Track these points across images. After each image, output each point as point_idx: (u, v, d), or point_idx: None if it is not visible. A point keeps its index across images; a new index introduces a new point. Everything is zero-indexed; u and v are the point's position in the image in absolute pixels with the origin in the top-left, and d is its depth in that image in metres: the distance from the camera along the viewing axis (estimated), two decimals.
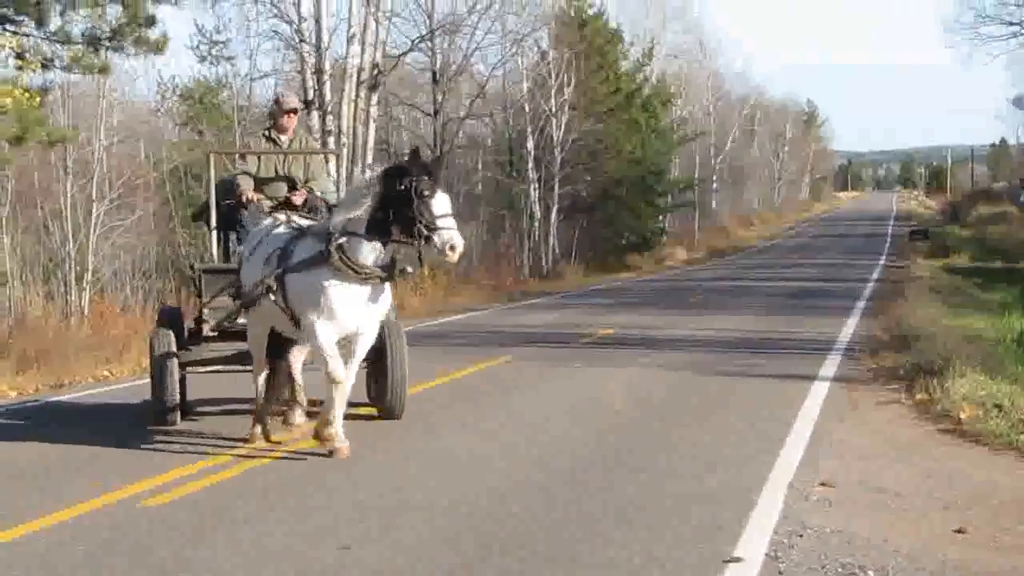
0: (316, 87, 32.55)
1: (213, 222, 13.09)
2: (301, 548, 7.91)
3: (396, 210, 10.13)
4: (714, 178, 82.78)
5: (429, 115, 46.21)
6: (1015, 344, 18.29)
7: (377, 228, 10.29)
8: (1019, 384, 13.93)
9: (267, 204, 12.57)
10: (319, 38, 33.01)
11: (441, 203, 10.09)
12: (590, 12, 56.39)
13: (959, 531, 8.35)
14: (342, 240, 10.31)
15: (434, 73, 44.52)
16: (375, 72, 34.33)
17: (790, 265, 50.60)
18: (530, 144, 49.73)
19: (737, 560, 7.55)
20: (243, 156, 13.26)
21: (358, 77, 33.36)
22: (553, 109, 49.82)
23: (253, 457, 10.84)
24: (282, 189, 12.78)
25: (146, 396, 13.17)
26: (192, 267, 13.23)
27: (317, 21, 32.96)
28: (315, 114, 32.27)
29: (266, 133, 13.17)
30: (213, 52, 45.25)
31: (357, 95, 33.39)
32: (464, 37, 44.56)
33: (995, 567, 7.50)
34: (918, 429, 12.41)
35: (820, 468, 10.26)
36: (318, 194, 12.87)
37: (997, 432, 11.76)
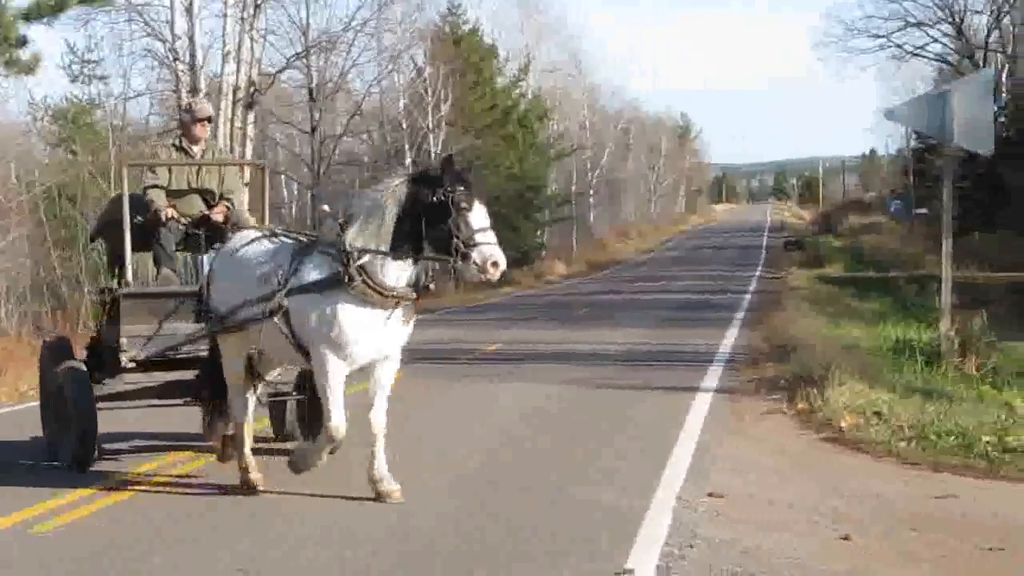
0: None
1: (128, 242, 11.49)
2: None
3: (428, 224, 9.13)
4: (591, 192, 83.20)
5: (306, 133, 46.06)
6: (891, 352, 18.60)
7: (405, 245, 9.27)
8: (897, 392, 14.17)
9: (182, 222, 11.67)
10: (193, 57, 32.80)
11: (479, 216, 9.12)
12: (465, 28, 56.58)
13: (845, 538, 8.49)
14: (364, 260, 9.27)
15: (310, 91, 44.36)
16: (251, 90, 34.19)
17: (670, 277, 51.03)
18: (408, 161, 49.60)
19: (629, 572, 7.61)
20: (152, 168, 11.95)
21: (234, 96, 33.23)
22: (431, 126, 49.85)
23: (139, 485, 10.69)
24: (195, 203, 11.82)
25: (33, 431, 12.72)
26: (105, 291, 11.78)
27: (191, 39, 32.75)
28: None
29: (176, 143, 12.07)
30: (85, 71, 44.73)
31: (233, 114, 33.24)
32: (340, 54, 44.54)
33: (881, 574, 7.62)
34: (801, 438, 12.58)
35: (707, 479, 10.36)
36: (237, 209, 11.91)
37: (878, 440, 12.00)
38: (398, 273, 9.33)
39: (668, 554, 8.03)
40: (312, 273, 9.50)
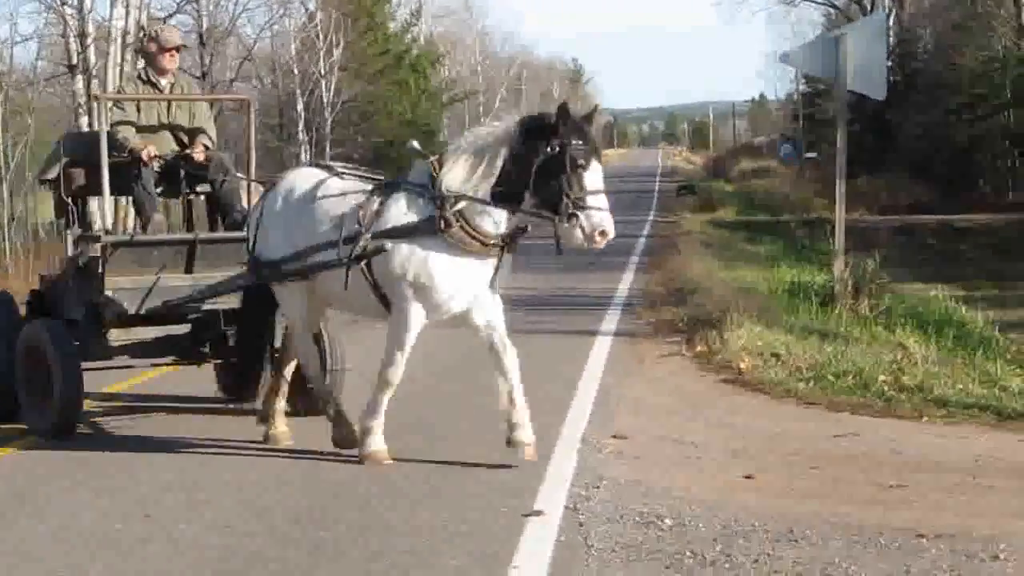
0: (80, 51, 31.74)
1: (107, 184, 10.33)
2: (107, 524, 7.82)
3: (538, 177, 8.34)
4: None
5: (197, 78, 45.34)
6: (786, 295, 18.84)
7: (508, 194, 8.51)
8: (794, 334, 14.37)
9: (156, 163, 10.71)
10: (81, 1, 32.19)
11: (595, 177, 8.40)
12: None
13: (748, 477, 8.63)
14: (461, 205, 8.55)
15: (200, 35, 43.73)
16: (140, 35, 33.59)
17: None
18: (300, 107, 49.25)
19: (538, 513, 7.68)
20: (118, 103, 11.00)
21: (123, 40, 32.62)
22: (323, 71, 49.40)
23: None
24: (166, 141, 10.92)
25: None
26: (85, 239, 10.55)
27: None
28: (79, 79, 31.48)
29: (143, 76, 11.07)
30: None
31: (123, 59, 32.65)
32: None
33: (784, 511, 7.75)
34: (702, 380, 12.72)
35: (611, 421, 10.47)
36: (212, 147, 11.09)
37: (776, 380, 12.16)
38: (498, 220, 8.63)
39: (575, 495, 8.13)
40: (400, 215, 8.74)
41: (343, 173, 9.47)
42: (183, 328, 10.72)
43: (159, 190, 10.87)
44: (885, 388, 11.46)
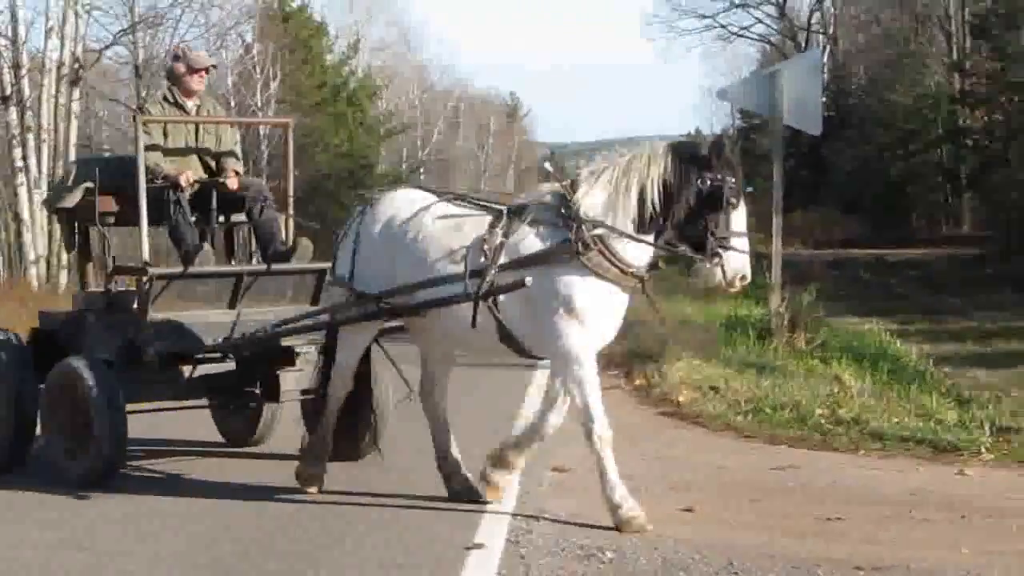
0: (13, 82, 31.50)
1: (144, 214, 9.58)
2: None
3: (686, 211, 7.94)
4: (421, 170, 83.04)
5: (133, 110, 45.11)
6: (724, 328, 18.93)
7: (647, 224, 8.00)
8: (732, 367, 14.45)
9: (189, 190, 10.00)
10: (15, 31, 31.97)
11: (741, 217, 7.96)
12: (294, 5, 56.03)
13: (687, 510, 8.66)
14: (599, 231, 8.01)
15: (136, 67, 43.52)
16: (75, 66, 33.44)
17: None
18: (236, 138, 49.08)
19: (479, 547, 7.68)
20: (144, 125, 10.02)
21: (58, 72, 32.44)
22: (260, 103, 49.28)
23: None
24: (194, 166, 10.25)
25: None
26: (120, 270, 10.14)
27: (13, 14, 31.94)
28: (12, 110, 31.26)
29: (169, 98, 10.40)
30: None
31: (57, 90, 32.46)
32: (167, 31, 43.74)
33: (724, 543, 7.78)
34: (640, 413, 12.78)
35: (550, 454, 10.43)
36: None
37: (715, 413, 12.24)
38: (638, 251, 8.08)
39: (516, 528, 8.16)
40: (532, 243, 8.11)
41: (453, 198, 8.84)
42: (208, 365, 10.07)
43: (193, 219, 10.08)
44: (822, 421, 11.56)
